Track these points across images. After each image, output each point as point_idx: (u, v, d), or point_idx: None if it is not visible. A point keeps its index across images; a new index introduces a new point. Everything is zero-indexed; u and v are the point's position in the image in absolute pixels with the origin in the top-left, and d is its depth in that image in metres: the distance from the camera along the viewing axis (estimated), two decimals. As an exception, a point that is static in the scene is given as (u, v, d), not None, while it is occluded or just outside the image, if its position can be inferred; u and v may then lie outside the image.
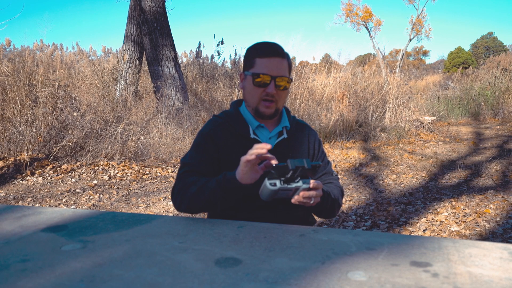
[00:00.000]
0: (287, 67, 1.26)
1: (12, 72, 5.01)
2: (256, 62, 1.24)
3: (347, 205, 3.49)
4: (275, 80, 1.21)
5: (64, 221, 1.04)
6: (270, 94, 1.22)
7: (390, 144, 6.34)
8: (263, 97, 1.23)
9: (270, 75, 1.21)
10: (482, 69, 12.59)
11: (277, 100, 1.24)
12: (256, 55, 1.24)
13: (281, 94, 1.24)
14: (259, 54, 1.24)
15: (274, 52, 1.24)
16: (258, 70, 1.22)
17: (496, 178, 4.17)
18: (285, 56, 1.26)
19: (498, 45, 32.51)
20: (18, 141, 4.47)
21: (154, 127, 5.40)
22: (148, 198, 3.77)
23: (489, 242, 0.85)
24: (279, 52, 1.24)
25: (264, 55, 1.23)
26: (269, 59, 1.22)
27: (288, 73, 1.26)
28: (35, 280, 0.69)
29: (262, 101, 1.24)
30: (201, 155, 1.24)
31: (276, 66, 1.22)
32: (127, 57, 7.26)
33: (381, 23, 24.13)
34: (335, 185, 1.35)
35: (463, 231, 2.80)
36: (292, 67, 1.33)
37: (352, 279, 0.68)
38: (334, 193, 1.29)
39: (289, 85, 1.25)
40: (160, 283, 0.67)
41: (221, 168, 1.25)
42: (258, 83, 1.22)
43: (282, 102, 1.28)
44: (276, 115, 1.28)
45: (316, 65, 9.28)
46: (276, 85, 1.21)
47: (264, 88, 1.22)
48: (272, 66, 1.22)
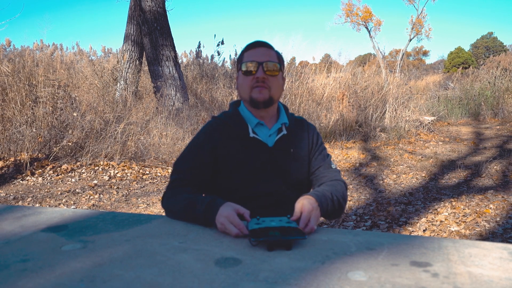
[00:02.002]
0: (276, 56, 1.28)
1: (12, 72, 5.01)
2: (244, 56, 1.28)
3: (347, 205, 3.49)
4: (262, 65, 1.23)
5: (64, 221, 1.04)
6: (260, 78, 1.23)
7: (390, 144, 6.34)
8: (253, 84, 1.24)
9: (257, 61, 1.23)
10: (482, 69, 12.59)
11: (269, 86, 1.24)
12: (244, 51, 1.30)
13: (272, 80, 1.25)
14: (246, 49, 1.30)
15: (259, 43, 1.28)
16: (246, 60, 1.26)
17: (496, 178, 4.17)
18: (272, 48, 1.30)
19: (498, 45, 32.51)
20: (18, 141, 4.47)
21: (154, 127, 5.40)
22: (148, 198, 3.77)
23: (489, 242, 0.85)
24: (264, 43, 1.29)
25: (250, 47, 1.29)
26: (254, 50, 1.27)
27: (278, 62, 1.27)
28: (35, 280, 0.69)
29: (254, 88, 1.24)
30: (193, 162, 1.25)
31: (262, 53, 1.25)
32: (127, 57, 7.26)
33: (381, 23, 24.14)
34: (336, 181, 1.30)
35: (463, 231, 2.80)
36: (283, 62, 1.34)
37: (352, 279, 0.68)
38: (336, 195, 1.23)
39: (279, 72, 1.26)
40: (160, 283, 0.67)
41: (221, 168, 1.25)
42: (246, 72, 1.25)
43: (276, 91, 1.27)
44: (271, 104, 1.27)
45: (316, 65, 9.28)
46: (264, 69, 1.23)
47: (253, 76, 1.24)
48: (258, 54, 1.25)
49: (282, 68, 1.30)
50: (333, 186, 1.26)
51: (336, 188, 1.25)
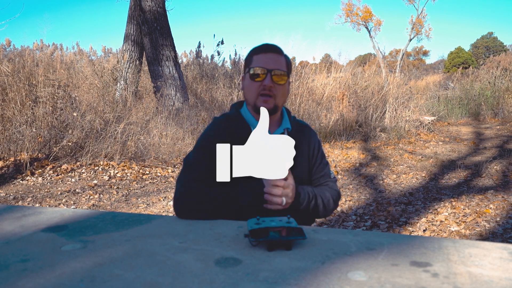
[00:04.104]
0: (285, 64, 1.27)
1: (12, 72, 5.01)
2: (253, 59, 1.27)
3: (347, 205, 3.49)
4: (271, 73, 1.22)
5: (64, 221, 1.04)
6: (267, 87, 1.22)
7: (390, 144, 6.34)
8: (260, 91, 1.23)
9: (266, 68, 1.22)
10: (482, 69, 12.59)
11: (275, 95, 1.24)
12: (253, 53, 1.28)
13: (279, 89, 1.24)
14: (255, 52, 1.27)
15: (270, 48, 1.26)
16: (254, 65, 1.24)
17: (496, 178, 4.17)
18: (282, 54, 1.28)
19: (498, 45, 32.49)
20: (18, 141, 4.47)
21: (154, 127, 5.40)
22: (148, 198, 3.77)
23: (489, 242, 0.85)
24: (275, 48, 1.27)
25: (260, 51, 1.26)
26: (265, 54, 1.25)
27: (286, 70, 1.26)
28: (35, 280, 0.69)
29: (260, 96, 1.24)
30: (203, 161, 1.23)
31: (271, 60, 1.24)
32: (127, 57, 7.26)
33: (381, 23, 24.14)
34: (330, 187, 1.36)
35: (463, 231, 2.80)
36: (291, 68, 1.33)
37: (352, 279, 0.68)
38: (324, 196, 1.30)
39: (286, 80, 1.25)
40: (160, 283, 0.67)
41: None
42: (254, 77, 1.23)
43: (281, 99, 1.27)
44: (275, 112, 1.27)
45: (316, 65, 9.27)
46: (273, 78, 1.22)
47: (261, 82, 1.22)
48: (268, 60, 1.24)
49: (289, 74, 1.29)
50: (321, 190, 1.32)
51: (324, 193, 1.31)
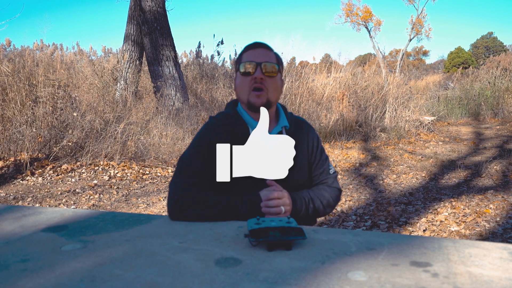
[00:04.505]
0: (275, 58, 1.28)
1: (12, 72, 5.01)
2: (242, 57, 1.28)
3: (347, 205, 3.49)
4: (260, 66, 1.22)
5: (64, 221, 1.04)
6: (258, 79, 1.22)
7: (390, 144, 6.34)
8: (252, 85, 1.23)
9: (255, 61, 1.23)
10: (482, 69, 12.59)
11: (267, 88, 1.24)
12: (243, 52, 1.30)
13: (270, 82, 1.24)
14: (245, 50, 1.30)
15: (258, 45, 1.29)
16: (244, 61, 1.26)
17: (496, 178, 4.17)
18: (271, 49, 1.30)
19: (498, 45, 32.48)
20: (18, 141, 4.47)
21: (154, 127, 5.40)
22: (148, 198, 3.77)
23: (489, 242, 0.85)
24: (264, 45, 1.29)
25: (249, 48, 1.29)
26: (253, 50, 1.27)
27: (277, 63, 1.27)
28: (35, 280, 0.69)
29: (252, 91, 1.24)
30: (200, 162, 1.22)
31: (260, 54, 1.25)
32: (127, 57, 7.26)
33: (381, 23, 24.13)
34: (329, 185, 1.36)
35: (463, 231, 2.80)
36: (282, 64, 1.34)
37: (352, 279, 0.68)
38: (322, 197, 1.30)
39: (277, 73, 1.26)
40: (160, 283, 0.67)
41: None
42: (244, 73, 1.24)
43: (274, 93, 1.26)
44: (269, 107, 1.26)
45: (316, 65, 9.27)
46: (262, 70, 1.22)
47: (251, 76, 1.23)
48: (257, 54, 1.25)
49: (280, 69, 1.30)
50: (319, 191, 1.32)
51: (322, 194, 1.31)
